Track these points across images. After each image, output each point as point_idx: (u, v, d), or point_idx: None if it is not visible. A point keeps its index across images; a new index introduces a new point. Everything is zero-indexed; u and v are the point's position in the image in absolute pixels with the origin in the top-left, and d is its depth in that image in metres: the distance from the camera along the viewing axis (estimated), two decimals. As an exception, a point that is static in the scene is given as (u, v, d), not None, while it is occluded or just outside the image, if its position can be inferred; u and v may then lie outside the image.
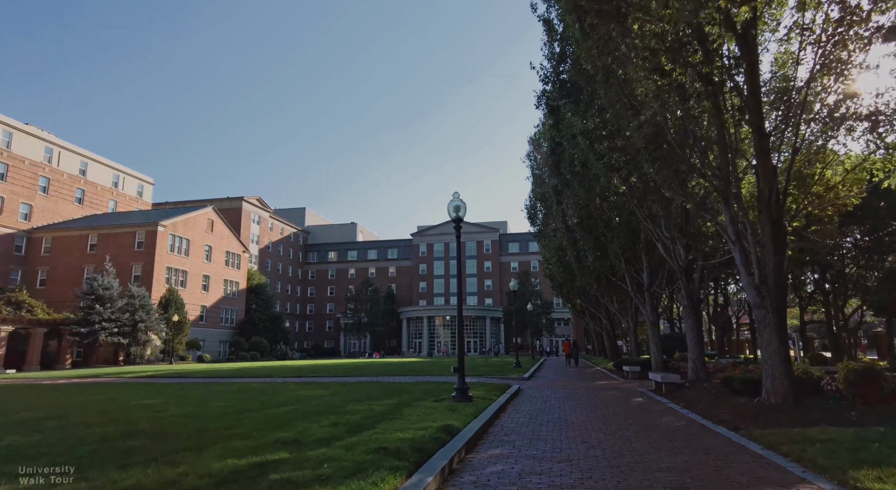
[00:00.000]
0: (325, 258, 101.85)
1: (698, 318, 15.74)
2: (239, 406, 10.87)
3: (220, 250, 64.52)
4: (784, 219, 10.23)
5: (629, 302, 28.21)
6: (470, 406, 10.60)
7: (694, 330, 15.58)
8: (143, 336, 46.24)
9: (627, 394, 15.21)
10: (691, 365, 15.46)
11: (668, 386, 14.64)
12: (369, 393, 13.57)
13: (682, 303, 16.05)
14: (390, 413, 9.46)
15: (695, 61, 10.33)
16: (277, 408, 10.46)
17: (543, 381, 21.20)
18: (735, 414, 9.53)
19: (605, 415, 10.75)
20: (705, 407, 10.99)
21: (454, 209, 12.41)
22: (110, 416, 9.59)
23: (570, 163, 21.80)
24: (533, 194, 38.69)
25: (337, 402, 11.29)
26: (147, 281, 53.02)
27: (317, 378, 21.21)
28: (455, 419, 8.58)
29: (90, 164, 62.96)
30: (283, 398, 12.44)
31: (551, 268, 38.20)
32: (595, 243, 24.27)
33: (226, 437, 7.02)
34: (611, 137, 15.24)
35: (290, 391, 14.66)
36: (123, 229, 54.98)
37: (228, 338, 64.08)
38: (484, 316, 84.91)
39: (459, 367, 11.82)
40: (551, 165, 24.70)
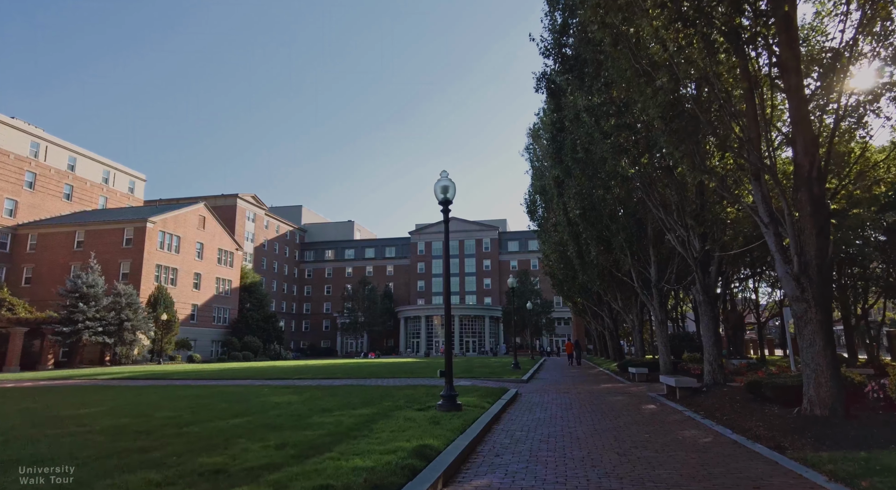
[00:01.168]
0: (322, 257, 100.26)
1: (715, 315, 14.18)
2: (187, 417, 9.31)
3: (211, 248, 62.93)
4: (826, 197, 8.67)
5: (634, 299, 26.65)
6: (457, 417, 9.05)
7: (710, 328, 14.02)
8: (129, 335, 44.67)
9: (637, 399, 13.66)
10: (707, 367, 13.89)
11: (682, 391, 13.09)
12: (346, 399, 12.01)
13: (697, 298, 14.48)
14: (359, 427, 7.91)
15: (719, 13, 8.79)
16: (230, 419, 8.90)
17: (543, 383, 19.64)
18: (771, 428, 7.97)
19: (615, 427, 9.19)
20: (732, 417, 9.43)
21: (441, 190, 10.85)
22: (19, 430, 8.03)
23: (571, 149, 20.24)
24: (532, 188, 37.14)
25: (303, 412, 9.73)
26: (135, 279, 51.44)
27: (299, 381, 19.65)
28: (435, 437, 7.03)
29: (79, 160, 61.39)
30: (245, 406, 10.88)
31: (551, 264, 36.65)
32: (598, 236, 22.69)
33: (134, 465, 5.46)
34: (619, 114, 13.69)
35: (259, 397, 13.09)
36: (111, 226, 53.39)
37: (221, 337, 62.50)
38: (483, 315, 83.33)
39: (447, 371, 10.26)
40: (552, 153, 23.13)
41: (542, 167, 34.74)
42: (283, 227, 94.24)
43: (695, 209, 13.69)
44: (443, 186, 10.84)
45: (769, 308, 50.49)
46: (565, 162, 21.46)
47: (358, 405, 10.80)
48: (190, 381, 20.46)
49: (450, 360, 10.39)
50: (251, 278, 70.56)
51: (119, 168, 68.03)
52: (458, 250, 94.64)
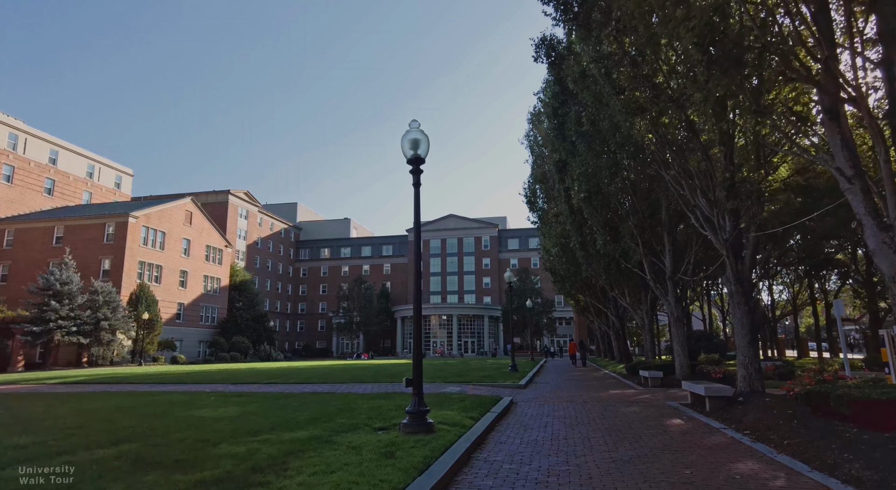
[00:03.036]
0: (318, 255, 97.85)
1: (750, 308, 11.70)
2: (53, 445, 6.84)
3: (199, 244, 60.52)
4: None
5: (644, 294, 24.17)
6: (422, 444, 6.60)
7: (745, 324, 11.56)
8: (106, 336, 42.24)
9: (657, 411, 11.21)
10: (742, 372, 11.42)
11: (714, 401, 10.62)
12: (294, 414, 9.56)
13: (729, 289, 12.01)
14: (274, 464, 5.47)
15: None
16: (107, 448, 6.45)
17: (543, 389, 17.19)
18: (873, 465, 5.50)
19: (640, 455, 6.74)
20: (797, 443, 6.98)
21: (411, 144, 8.40)
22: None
23: (576, 121, 17.81)
24: (532, 177, 34.65)
25: (221, 435, 7.29)
26: (117, 276, 49.07)
27: (266, 387, 17.22)
28: (376, 485, 4.59)
29: (61, 153, 59.03)
30: (153, 425, 8.43)
31: (552, 259, 34.17)
32: (605, 223, 20.25)
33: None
34: (633, 64, 11.25)
35: (192, 409, 10.65)
36: (92, 221, 51.01)
37: (209, 337, 60.05)
38: (482, 315, 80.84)
39: (414, 380, 7.79)
40: (554, 130, 20.67)
41: (542, 154, 32.30)
42: (277, 225, 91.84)
43: (727, 179, 11.23)
44: (412, 140, 8.39)
45: (779, 306, 47.78)
46: (569, 138, 19.02)
47: (302, 423, 8.35)
48: (144, 387, 18.06)
49: (419, 368, 7.91)
50: (241, 276, 68.13)
51: (104, 162, 65.66)
52: (456, 248, 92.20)
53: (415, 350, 8.07)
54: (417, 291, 8.38)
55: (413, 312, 8.36)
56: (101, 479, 4.93)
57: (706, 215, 12.34)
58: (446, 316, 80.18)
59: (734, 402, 10.60)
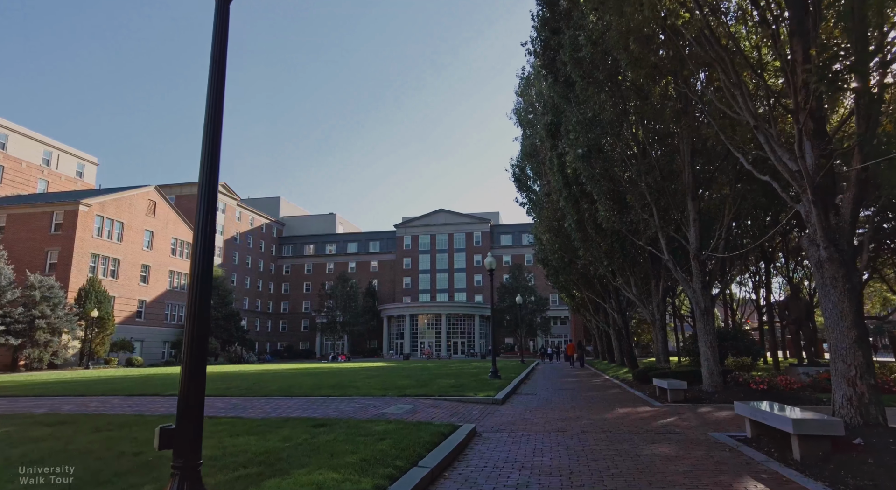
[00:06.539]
0: (302, 252, 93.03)
1: (854, 285, 7.20)
2: None
3: (164, 237, 55.76)
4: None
5: (654, 283, 19.71)
6: None
7: (846, 312, 7.09)
8: (43, 335, 37.50)
9: (707, 458, 6.66)
10: (846, 391, 6.95)
11: (809, 443, 6.08)
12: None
13: (814, 257, 7.51)
14: None
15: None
16: None
17: (527, 406, 12.67)
18: None
19: None
20: None
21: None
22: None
23: (572, 46, 13.27)
24: (522, 152, 30.19)
25: None
26: (64, 270, 44.31)
27: (152, 401, 12.64)
28: None
29: (11, 137, 54.19)
30: None
31: (544, 247, 29.70)
32: (609, 190, 15.76)
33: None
34: None
35: None
36: (38, 209, 46.21)
37: (174, 337, 55.27)
38: (472, 314, 76.34)
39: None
40: (546, 66, 16.12)
41: (531, 123, 27.85)
42: (258, 220, 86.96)
43: (811, 73, 6.74)
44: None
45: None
46: (562, 73, 14.50)
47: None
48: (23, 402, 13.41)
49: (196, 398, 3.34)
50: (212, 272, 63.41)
51: (64, 149, 60.84)
52: (447, 244, 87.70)
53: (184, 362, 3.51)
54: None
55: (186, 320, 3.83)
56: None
57: (771, 145, 7.85)
58: (435, 315, 75.65)
59: (847, 445, 6.08)
